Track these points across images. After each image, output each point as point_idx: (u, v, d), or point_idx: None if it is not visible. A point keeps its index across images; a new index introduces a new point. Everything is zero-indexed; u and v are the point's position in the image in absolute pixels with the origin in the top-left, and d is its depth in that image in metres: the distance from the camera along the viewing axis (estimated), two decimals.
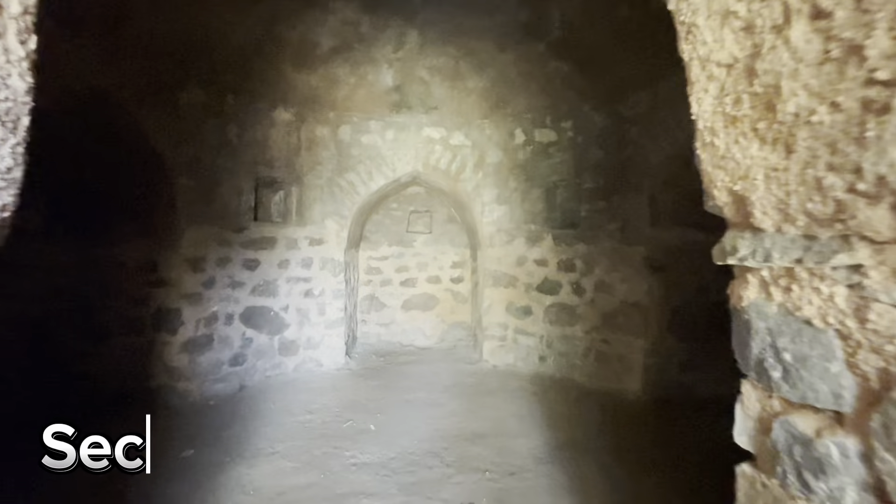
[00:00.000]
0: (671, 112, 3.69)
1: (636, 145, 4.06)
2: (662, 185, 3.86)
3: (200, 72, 3.85)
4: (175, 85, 3.73)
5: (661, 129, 3.80)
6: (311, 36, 3.89)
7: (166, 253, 3.82)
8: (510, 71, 4.41)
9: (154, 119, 3.57)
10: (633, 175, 4.09)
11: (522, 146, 5.00)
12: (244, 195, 4.37)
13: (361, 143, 5.04)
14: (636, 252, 4.10)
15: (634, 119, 4.07)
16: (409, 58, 4.34)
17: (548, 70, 4.27)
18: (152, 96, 3.53)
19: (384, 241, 6.29)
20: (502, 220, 5.15)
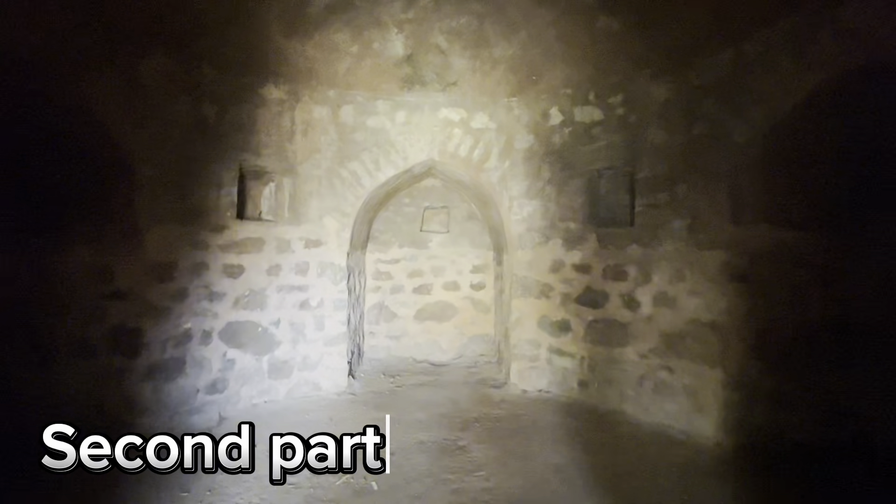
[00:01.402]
0: (767, 74, 2.80)
1: (712, 121, 3.17)
2: (749, 169, 2.97)
3: (166, 35, 3.12)
4: (133, 50, 3.00)
5: (749, 99, 2.92)
6: None
7: (125, 259, 3.10)
8: (548, 33, 3.57)
9: (104, 93, 2.84)
10: (706, 159, 3.21)
11: (559, 128, 4.15)
12: (225, 188, 3.62)
13: (367, 126, 4.26)
14: (711, 257, 3.22)
15: (709, 88, 3.19)
16: (423, 18, 3.53)
17: (595, 30, 3.42)
18: (101, 64, 2.80)
19: (394, 242, 5.51)
20: (534, 217, 4.31)
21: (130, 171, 3.04)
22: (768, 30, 2.74)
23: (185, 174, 3.36)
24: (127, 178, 3.02)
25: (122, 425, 3.03)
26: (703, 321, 3.27)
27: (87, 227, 2.97)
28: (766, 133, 2.82)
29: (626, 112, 3.77)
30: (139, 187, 3.09)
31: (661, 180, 3.53)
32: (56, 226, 2.94)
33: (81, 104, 2.72)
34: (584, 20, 3.35)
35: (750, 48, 2.88)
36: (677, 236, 3.43)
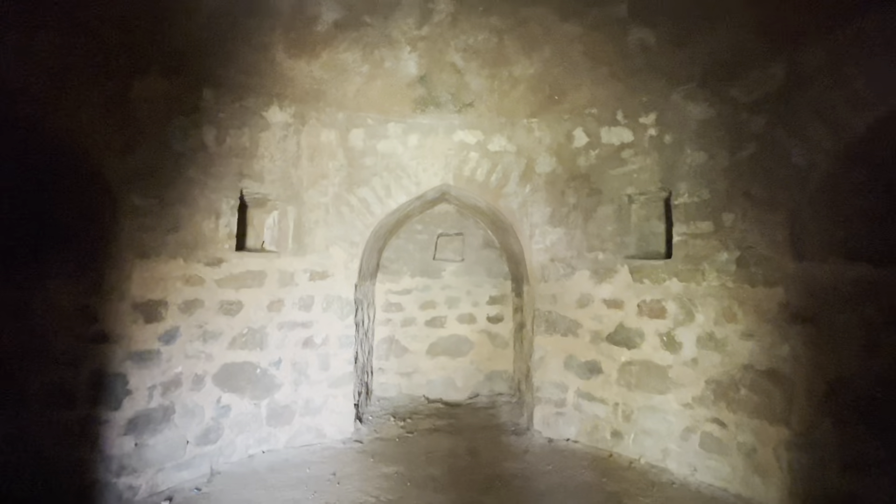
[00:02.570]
0: (832, 89, 2.45)
1: (763, 142, 2.82)
2: (814, 197, 2.60)
3: (162, 55, 2.90)
4: (125, 72, 2.78)
5: (810, 117, 2.57)
6: (306, 5, 2.89)
7: (109, 297, 2.80)
8: (573, 49, 3.29)
9: (88, 118, 2.60)
10: (758, 184, 2.84)
11: (584, 150, 3.84)
12: (223, 217, 3.34)
13: (377, 150, 3.99)
14: (768, 295, 2.81)
15: (758, 105, 2.85)
16: (438, 35, 3.28)
17: (626, 44, 3.12)
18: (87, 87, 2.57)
19: (406, 272, 5.18)
20: (557, 246, 3.96)
21: (116, 202, 2.77)
22: (830, 38, 2.40)
23: (179, 203, 3.09)
24: (112, 208, 2.75)
25: (100, 487, 2.68)
26: (761, 368, 2.85)
27: (68, 263, 2.69)
28: (834, 155, 2.45)
29: (659, 132, 3.44)
30: (126, 218, 2.82)
31: (702, 207, 3.16)
32: (33, 260, 2.66)
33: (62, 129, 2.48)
34: (614, 34, 3.06)
35: (808, 59, 2.54)
36: (724, 271, 3.03)
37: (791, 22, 2.53)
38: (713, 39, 2.84)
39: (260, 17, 2.93)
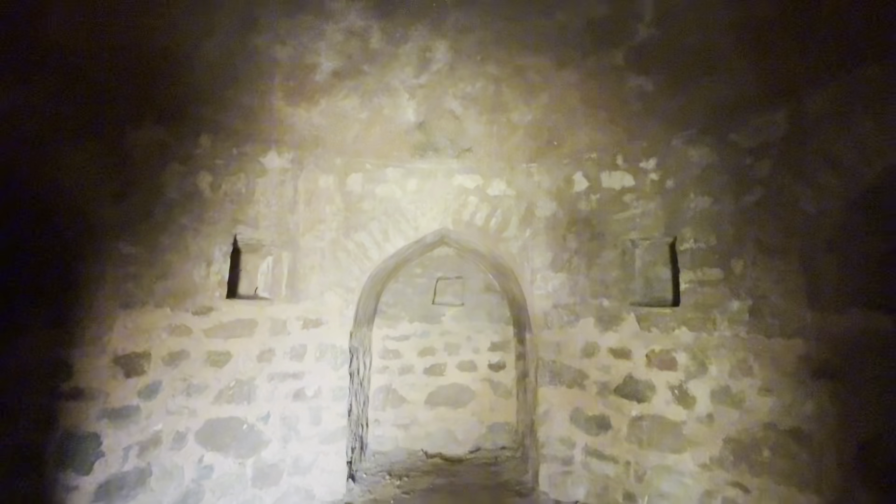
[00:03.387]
0: (839, 135, 2.40)
1: (770, 187, 2.75)
2: (828, 244, 2.49)
3: (161, 102, 2.90)
4: (121, 119, 2.76)
5: (818, 162, 2.50)
6: (305, 55, 2.92)
7: (88, 349, 2.65)
8: (570, 96, 3.30)
9: (80, 164, 2.56)
10: (767, 230, 2.75)
11: (585, 195, 3.78)
12: (215, 264, 3.24)
13: (375, 194, 3.95)
14: (785, 347, 2.65)
15: (761, 151, 2.80)
16: (436, 84, 3.31)
17: (624, 91, 3.13)
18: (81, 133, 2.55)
19: (404, 316, 5.02)
20: (560, 292, 3.82)
21: (103, 249, 2.68)
22: (834, 86, 2.38)
23: (170, 251, 3.00)
24: (98, 256, 2.65)
25: None
26: (784, 428, 2.63)
27: (46, 312, 2.56)
28: (845, 202, 2.37)
29: (661, 177, 3.39)
30: (112, 266, 2.72)
31: (710, 254, 3.06)
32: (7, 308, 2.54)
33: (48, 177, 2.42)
34: (611, 81, 3.07)
35: (811, 106, 2.51)
36: (737, 320, 2.88)
37: (791, 70, 2.52)
38: (711, 86, 2.84)
39: (259, 66, 2.96)
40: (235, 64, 2.87)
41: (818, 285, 2.53)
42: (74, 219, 2.55)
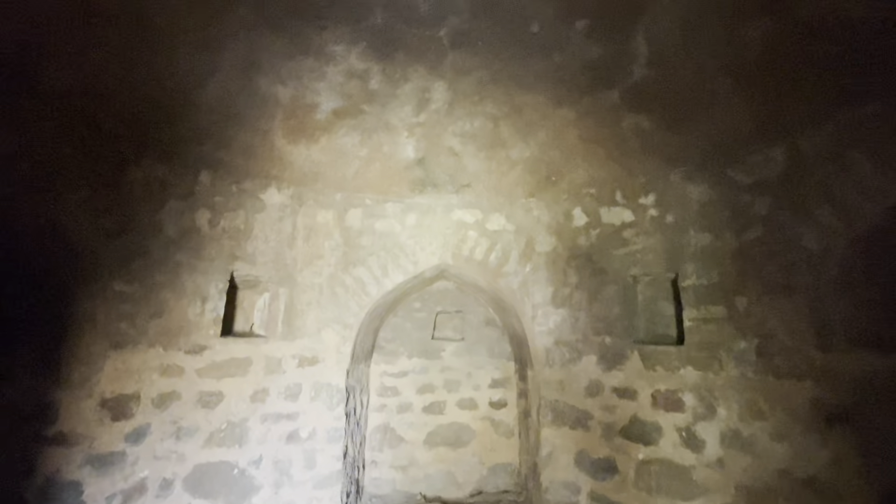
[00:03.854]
0: (839, 174, 2.40)
1: (770, 224, 2.73)
2: (833, 283, 2.44)
3: (162, 140, 2.93)
4: (122, 158, 2.79)
5: (817, 201, 2.49)
6: (306, 94, 2.97)
7: (75, 392, 2.57)
8: (568, 133, 3.33)
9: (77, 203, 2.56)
10: (770, 268, 2.71)
11: (584, 230, 3.76)
12: (210, 301, 3.20)
13: (375, 229, 3.94)
14: (796, 390, 2.55)
15: (760, 187, 2.80)
16: (435, 122, 3.35)
17: (620, 128, 3.16)
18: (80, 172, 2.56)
19: (403, 352, 4.91)
20: (562, 328, 3.75)
21: (97, 288, 2.64)
22: (832, 124, 2.39)
23: (165, 288, 2.96)
24: (92, 295, 2.61)
25: None
26: (800, 476, 2.51)
27: (33, 352, 2.49)
28: (849, 241, 2.34)
29: (660, 213, 3.38)
30: (105, 306, 2.67)
31: (712, 291, 3.01)
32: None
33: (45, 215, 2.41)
34: (608, 119, 3.11)
35: (809, 144, 2.52)
36: (744, 360, 2.80)
37: (786, 109, 2.55)
38: (708, 124, 2.87)
39: (261, 106, 3.01)
40: (237, 104, 2.92)
41: (826, 325, 2.47)
42: (69, 257, 2.53)
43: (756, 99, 2.57)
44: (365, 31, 2.52)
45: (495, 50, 2.69)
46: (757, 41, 2.26)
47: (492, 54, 2.71)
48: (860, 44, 2.06)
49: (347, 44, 2.61)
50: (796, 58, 2.26)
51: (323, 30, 2.48)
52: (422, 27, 2.47)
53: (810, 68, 2.29)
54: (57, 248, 2.47)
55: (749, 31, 2.24)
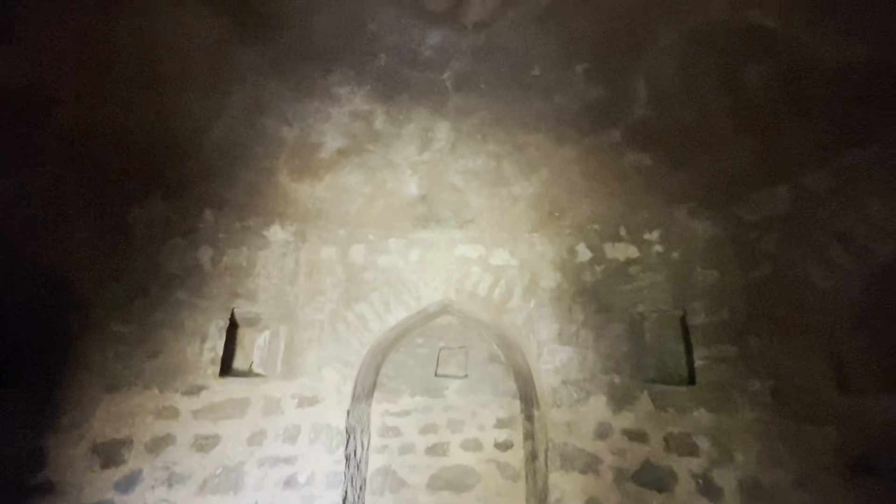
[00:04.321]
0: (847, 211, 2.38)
1: (779, 262, 2.69)
2: (850, 323, 2.37)
3: (167, 180, 2.96)
4: (126, 198, 2.81)
5: (826, 239, 2.46)
6: (311, 135, 3.02)
7: (65, 437, 2.49)
8: (570, 170, 3.36)
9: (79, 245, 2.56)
10: (783, 307, 2.64)
11: (589, 265, 3.73)
12: (209, 340, 3.14)
13: (378, 265, 3.91)
14: (818, 436, 2.44)
15: (767, 224, 2.78)
16: (438, 160, 3.39)
17: (623, 166, 3.18)
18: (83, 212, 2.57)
19: (405, 390, 4.78)
20: (569, 366, 3.65)
21: (94, 328, 2.60)
22: (837, 162, 2.39)
23: (164, 327, 2.92)
24: (88, 336, 2.57)
25: None
26: None
27: (23, 397, 2.43)
28: (862, 280, 2.29)
29: (665, 249, 3.35)
30: (101, 347, 2.63)
31: (723, 329, 2.93)
32: None
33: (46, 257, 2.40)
34: (610, 157, 3.13)
35: (814, 182, 2.52)
36: (759, 402, 2.70)
37: (788, 149, 2.55)
38: (710, 162, 2.88)
39: (266, 145, 3.05)
40: (243, 143, 2.96)
41: (844, 367, 2.38)
42: (68, 298, 2.50)
43: (757, 138, 2.59)
44: (370, 75, 2.58)
45: (497, 91, 2.75)
46: (756, 83, 2.29)
47: (494, 96, 2.76)
48: (857, 87, 2.08)
49: (353, 86, 2.66)
50: (796, 99, 2.29)
51: (329, 73, 2.54)
52: (426, 70, 2.53)
53: (810, 109, 2.31)
54: (56, 290, 2.45)
55: (748, 73, 2.28)
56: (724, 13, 2.02)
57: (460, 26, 2.26)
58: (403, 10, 2.17)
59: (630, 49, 2.32)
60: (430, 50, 2.38)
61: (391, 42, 2.32)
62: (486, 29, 2.29)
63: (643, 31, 2.20)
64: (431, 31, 2.27)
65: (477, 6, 2.15)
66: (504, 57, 2.46)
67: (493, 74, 2.58)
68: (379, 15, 2.18)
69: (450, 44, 2.36)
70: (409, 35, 2.29)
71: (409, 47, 2.37)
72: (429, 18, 2.21)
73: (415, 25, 2.24)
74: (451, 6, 2.15)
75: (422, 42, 2.34)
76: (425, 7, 2.15)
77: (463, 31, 2.30)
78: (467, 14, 2.20)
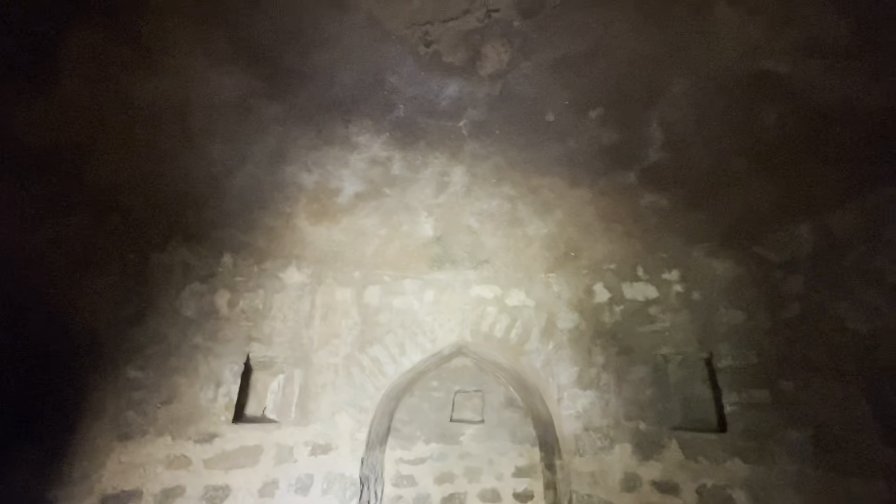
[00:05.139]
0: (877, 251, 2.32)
1: (808, 304, 2.60)
2: (891, 369, 2.26)
3: (188, 226, 3.03)
4: (147, 245, 2.86)
5: (856, 280, 2.39)
6: (330, 180, 3.09)
7: (74, 489, 2.42)
8: (585, 211, 3.36)
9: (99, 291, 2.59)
10: (816, 350, 2.54)
11: (607, 306, 3.66)
12: (224, 385, 3.10)
13: (393, 306, 3.89)
14: (868, 492, 2.27)
15: (791, 265, 2.72)
16: (454, 202, 3.43)
17: (638, 206, 3.18)
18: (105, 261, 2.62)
19: (420, 436, 4.62)
20: (591, 412, 3.51)
21: (109, 375, 2.59)
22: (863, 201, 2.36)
23: (179, 372, 2.90)
24: (104, 383, 2.56)
25: None
26: None
27: (34, 447, 2.39)
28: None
29: (686, 289, 3.28)
30: (116, 394, 2.60)
31: (753, 373, 2.81)
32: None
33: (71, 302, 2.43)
34: (625, 198, 3.13)
35: (839, 222, 2.48)
36: (799, 453, 2.54)
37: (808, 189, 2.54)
38: (727, 203, 2.86)
39: (285, 191, 3.12)
40: (263, 190, 3.03)
41: (889, 415, 2.25)
42: (86, 346, 2.51)
43: (776, 178, 2.58)
44: (388, 123, 2.66)
45: (512, 137, 2.80)
46: (772, 124, 2.31)
47: (508, 141, 2.82)
48: (880, 127, 2.08)
49: (371, 135, 2.75)
50: (814, 139, 2.29)
51: (349, 123, 2.63)
52: (442, 119, 2.60)
53: (829, 149, 2.30)
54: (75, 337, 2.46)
55: (764, 115, 2.30)
56: (734, 61, 2.07)
57: (476, 77, 2.35)
58: (422, 64, 2.26)
59: (643, 96, 2.37)
60: (447, 100, 2.47)
61: (410, 93, 2.41)
62: (501, 79, 2.37)
63: (656, 79, 2.25)
64: (449, 82, 2.36)
65: (492, 58, 2.23)
66: (519, 104, 2.53)
67: (507, 121, 2.64)
68: (398, 68, 2.28)
69: (466, 94, 2.44)
70: (427, 87, 2.37)
71: (427, 98, 2.45)
72: (446, 71, 2.30)
73: (433, 78, 2.33)
74: (468, 59, 2.24)
75: (439, 93, 2.42)
76: (442, 60, 2.23)
77: (479, 82, 2.38)
78: (483, 66, 2.28)
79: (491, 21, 2.02)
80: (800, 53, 1.94)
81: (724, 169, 2.62)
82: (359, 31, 2.09)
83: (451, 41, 2.13)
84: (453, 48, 2.16)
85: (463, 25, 2.06)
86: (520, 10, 1.98)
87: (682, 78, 2.21)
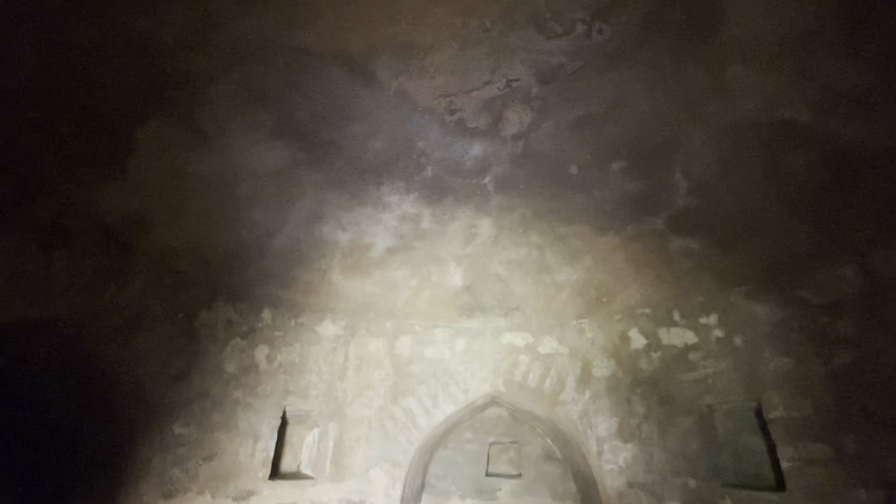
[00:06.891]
0: None
1: (863, 349, 2.47)
2: None
3: (232, 285, 3.21)
4: (196, 303, 3.04)
5: None
6: (363, 237, 3.25)
7: None
8: (615, 257, 3.36)
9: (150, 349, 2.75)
10: (878, 401, 2.37)
11: (644, 352, 3.55)
12: (261, 440, 3.15)
13: (424, 356, 3.90)
14: None
15: (838, 308, 2.60)
16: (482, 252, 3.50)
17: (669, 251, 3.15)
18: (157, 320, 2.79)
19: (455, 491, 4.46)
20: (635, 467, 3.33)
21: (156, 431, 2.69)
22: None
23: (220, 428, 2.98)
24: (151, 439, 2.65)
25: None
26: None
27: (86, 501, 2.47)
28: None
29: (726, 334, 3.16)
30: (162, 450, 2.69)
31: (809, 425, 2.64)
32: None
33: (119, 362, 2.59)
34: (655, 243, 3.13)
35: (881, 263, 2.38)
36: None
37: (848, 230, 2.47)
38: (761, 245, 2.81)
39: (321, 248, 3.29)
40: (301, 248, 3.21)
41: None
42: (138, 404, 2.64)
43: (811, 219, 2.53)
44: (417, 183, 2.81)
45: (536, 190, 2.90)
46: (801, 170, 2.30)
47: (533, 194, 2.91)
48: None
49: (402, 194, 2.90)
50: (846, 182, 2.26)
51: (381, 185, 2.79)
52: (468, 177, 2.73)
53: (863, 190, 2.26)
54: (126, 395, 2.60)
55: (791, 161, 2.30)
56: (753, 113, 2.12)
57: (499, 138, 2.48)
58: (448, 130, 2.41)
59: (664, 147, 2.43)
60: (472, 160, 2.60)
61: (437, 156, 2.56)
62: (523, 139, 2.49)
63: (675, 131, 2.31)
64: (473, 144, 2.50)
65: (514, 121, 2.37)
66: (542, 160, 2.63)
67: (531, 176, 2.75)
68: (426, 134, 2.44)
69: (490, 153, 2.57)
70: (454, 149, 2.52)
71: (454, 159, 2.60)
72: (471, 134, 2.44)
73: (458, 141, 2.48)
74: (491, 123, 2.38)
75: (465, 154, 2.56)
76: (467, 126, 2.38)
77: (502, 142, 2.51)
78: (505, 128, 2.42)
79: (511, 89, 2.16)
80: (820, 103, 1.97)
81: (754, 213, 2.60)
82: (389, 105, 2.28)
83: (474, 108, 2.28)
84: (476, 114, 2.31)
85: (485, 94, 2.21)
86: (538, 79, 2.12)
87: (700, 130, 2.27)
